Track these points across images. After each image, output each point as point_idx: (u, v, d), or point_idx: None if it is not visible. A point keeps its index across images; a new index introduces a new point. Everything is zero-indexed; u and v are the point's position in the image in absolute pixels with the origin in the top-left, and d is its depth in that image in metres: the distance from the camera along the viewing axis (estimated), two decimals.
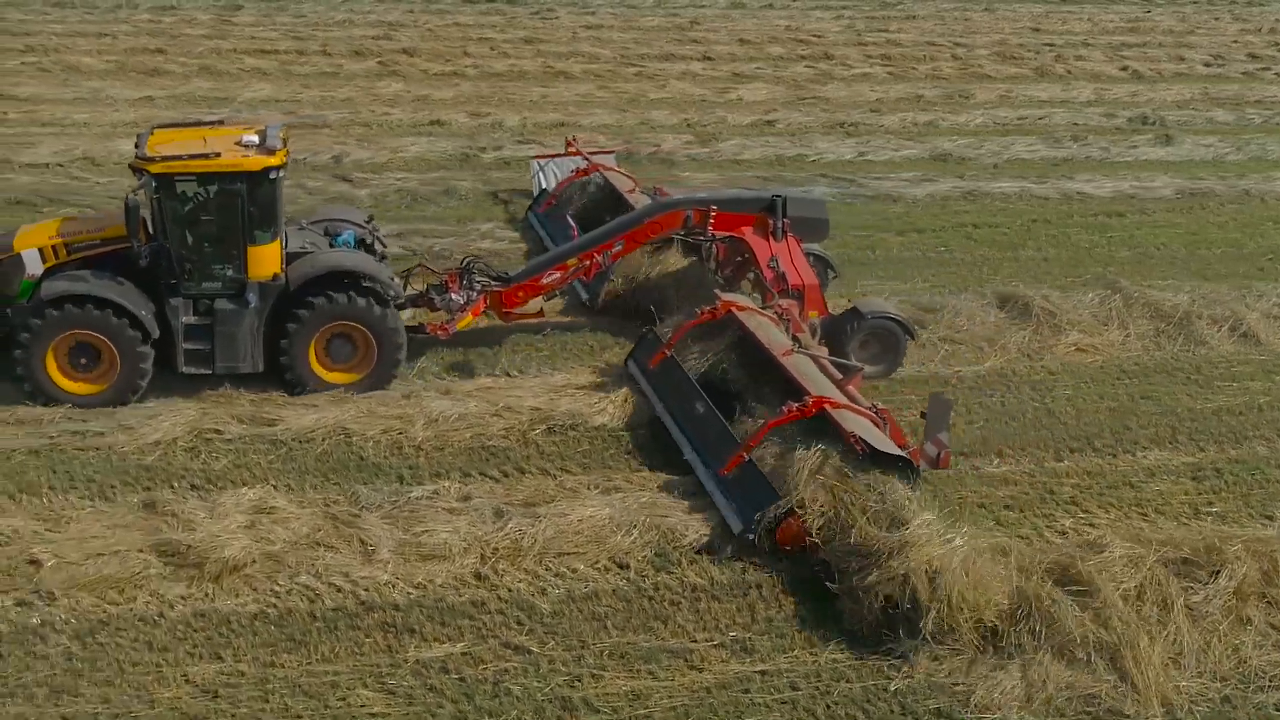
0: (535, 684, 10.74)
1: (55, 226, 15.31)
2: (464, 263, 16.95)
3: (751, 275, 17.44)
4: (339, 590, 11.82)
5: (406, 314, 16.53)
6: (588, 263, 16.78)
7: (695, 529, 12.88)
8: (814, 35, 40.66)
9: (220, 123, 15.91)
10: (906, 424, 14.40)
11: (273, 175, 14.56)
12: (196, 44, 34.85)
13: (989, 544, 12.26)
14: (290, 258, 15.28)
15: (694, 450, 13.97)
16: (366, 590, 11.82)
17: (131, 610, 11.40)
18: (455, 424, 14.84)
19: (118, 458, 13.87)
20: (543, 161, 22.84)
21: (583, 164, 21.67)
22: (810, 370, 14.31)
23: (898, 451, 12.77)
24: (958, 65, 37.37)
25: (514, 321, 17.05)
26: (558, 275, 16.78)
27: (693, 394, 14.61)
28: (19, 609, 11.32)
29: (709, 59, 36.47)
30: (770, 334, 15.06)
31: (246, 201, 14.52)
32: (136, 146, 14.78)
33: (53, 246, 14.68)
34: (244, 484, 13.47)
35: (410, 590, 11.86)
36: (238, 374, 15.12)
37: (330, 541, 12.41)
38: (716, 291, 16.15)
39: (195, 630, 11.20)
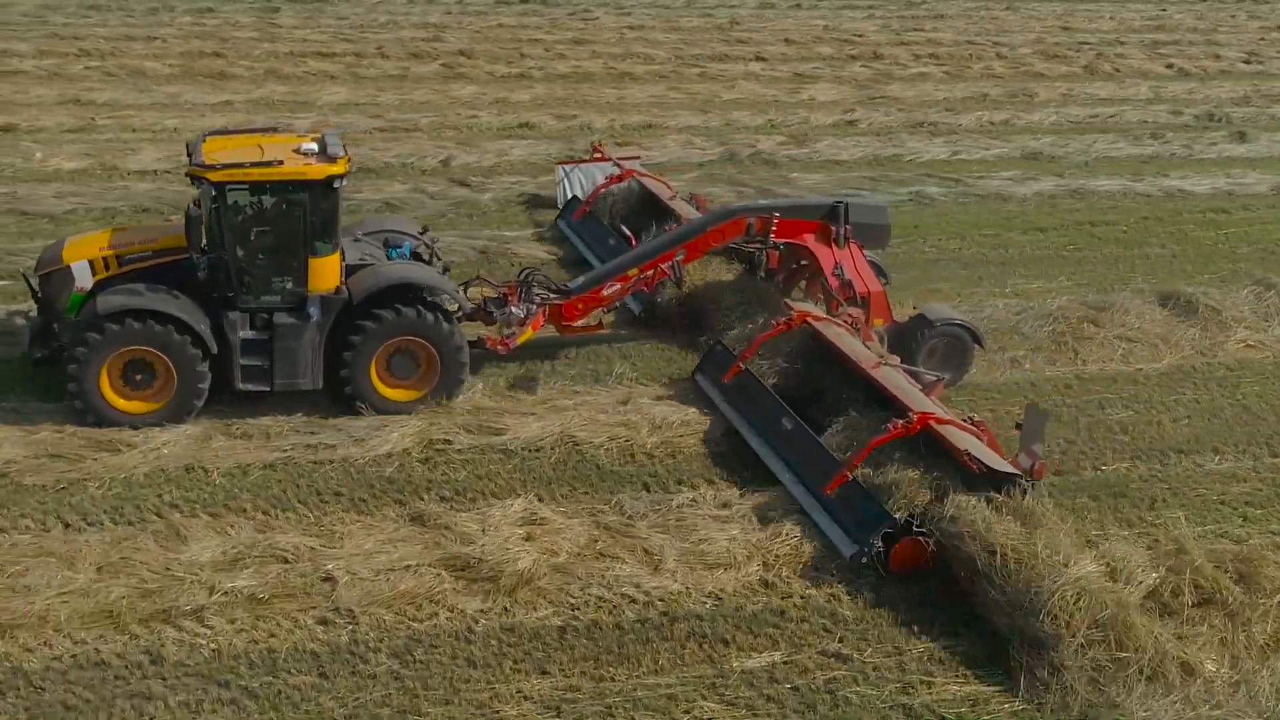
0: (870, 691, 10.62)
1: (106, 237, 14.82)
2: (523, 275, 16.32)
3: (803, 283, 17.32)
4: (634, 601, 11.65)
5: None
6: (650, 273, 16.21)
7: None
8: (855, 35, 40.89)
9: (274, 130, 15.60)
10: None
11: (335, 184, 14.04)
12: (251, 46, 34.36)
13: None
14: (349, 270, 14.69)
15: (787, 468, 13.51)
16: (662, 600, 11.68)
17: (437, 626, 11.17)
18: (679, 430, 14.72)
19: (356, 470, 13.60)
20: (569, 168, 22.22)
21: (613, 170, 21.14)
22: (903, 383, 13.96)
23: (1012, 470, 12.29)
24: (1007, 64, 37.80)
25: (573, 335, 16.50)
26: (618, 286, 16.21)
27: (777, 410, 14.21)
28: (323, 628, 11.07)
29: (763, 59, 36.66)
30: (853, 346, 14.71)
31: (308, 211, 14.03)
32: (190, 155, 14.30)
33: (104, 258, 14.19)
34: (494, 495, 13.26)
35: (705, 599, 11.72)
36: (296, 391, 14.52)
37: (613, 552, 12.26)
38: (787, 302, 15.87)
39: (509, 645, 10.98)
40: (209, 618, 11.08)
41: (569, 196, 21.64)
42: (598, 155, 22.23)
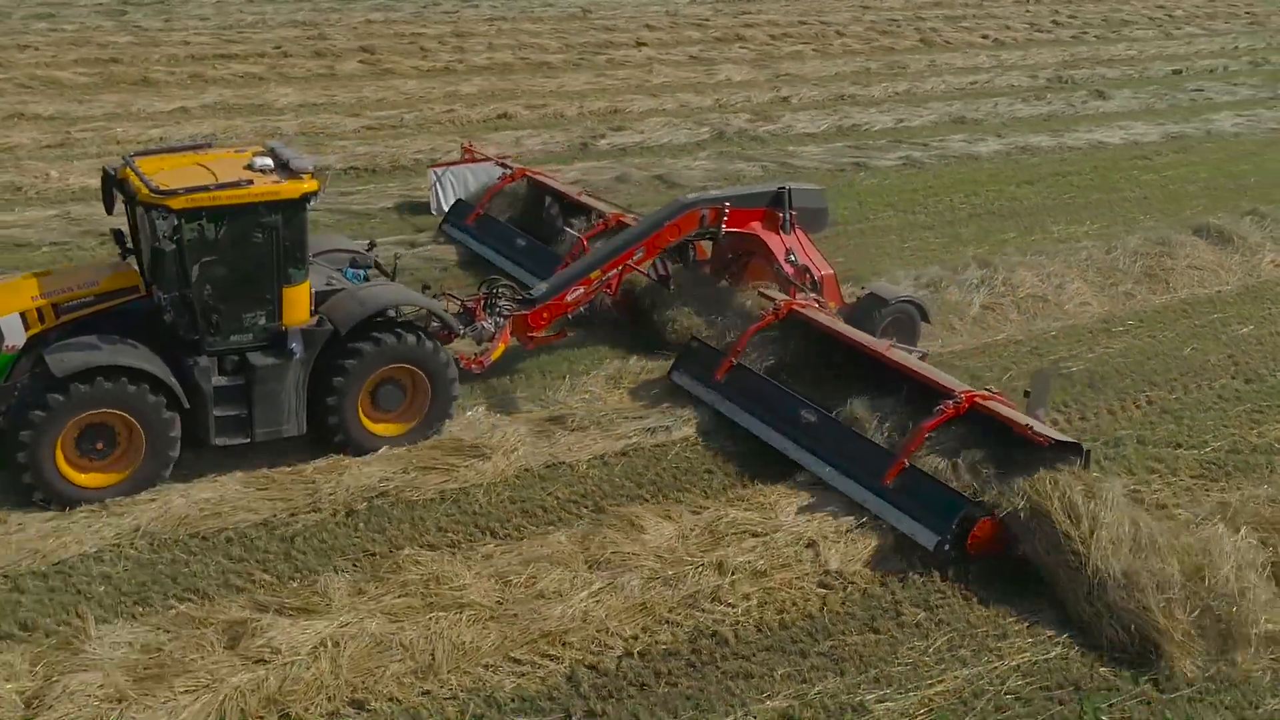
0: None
1: (34, 285, 12.26)
2: (488, 287, 15.18)
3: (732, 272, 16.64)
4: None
5: None
6: (611, 274, 15.28)
7: None
8: (702, 19, 42.02)
9: (207, 146, 13.43)
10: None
11: (310, 202, 12.26)
12: (142, 51, 31.61)
13: None
14: (319, 297, 12.93)
15: (823, 462, 12.80)
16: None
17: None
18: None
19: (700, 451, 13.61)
20: (440, 170, 20.74)
21: (495, 169, 20.16)
22: (923, 365, 13.76)
23: (1070, 439, 12.18)
24: (859, 41, 39.96)
25: (534, 346, 15.17)
26: (581, 291, 15.02)
27: (792, 403, 13.54)
28: (826, 591, 11.20)
29: (644, 44, 37.08)
30: (855, 331, 14.45)
31: (281, 235, 12.12)
32: (113, 183, 12.42)
33: (37, 309, 11.89)
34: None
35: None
36: (279, 439, 12.66)
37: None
38: (762, 292, 15.33)
39: None
40: (725, 596, 11.01)
41: (452, 200, 20.30)
42: (469, 156, 21.05)
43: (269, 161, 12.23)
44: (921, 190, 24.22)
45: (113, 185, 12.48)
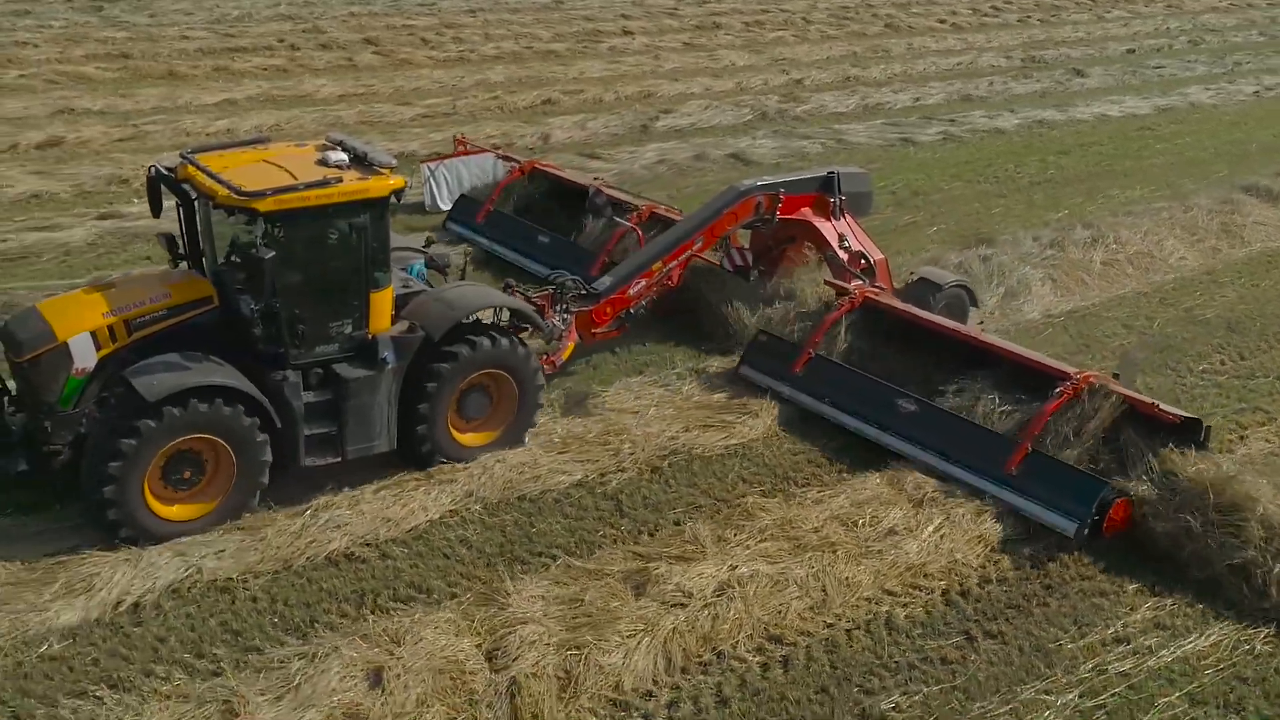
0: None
1: (101, 300, 10.90)
2: (554, 280, 14.32)
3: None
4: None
5: None
6: (673, 265, 14.58)
7: None
8: (672, 8, 42.44)
9: (265, 141, 12.32)
10: None
11: (397, 200, 11.32)
12: (147, 47, 30.66)
13: None
14: (397, 301, 11.86)
15: (931, 452, 12.38)
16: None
17: None
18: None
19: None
20: (433, 165, 19.75)
21: (506, 164, 19.40)
22: (1024, 348, 13.61)
23: (1194, 416, 12.14)
24: (828, 29, 40.89)
25: (594, 342, 14.45)
26: (643, 284, 14.32)
27: (886, 393, 13.09)
28: None
29: (629, 34, 37.35)
30: (938, 316, 14.34)
31: (369, 236, 11.13)
32: (181, 183, 11.18)
33: (109, 327, 10.62)
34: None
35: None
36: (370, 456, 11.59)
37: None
38: (830, 281, 14.92)
39: None
40: None
41: (447, 195, 19.53)
42: (462, 149, 20.14)
43: (343, 156, 11.16)
44: (972, 162, 25.19)
45: (165, 186, 11.33)
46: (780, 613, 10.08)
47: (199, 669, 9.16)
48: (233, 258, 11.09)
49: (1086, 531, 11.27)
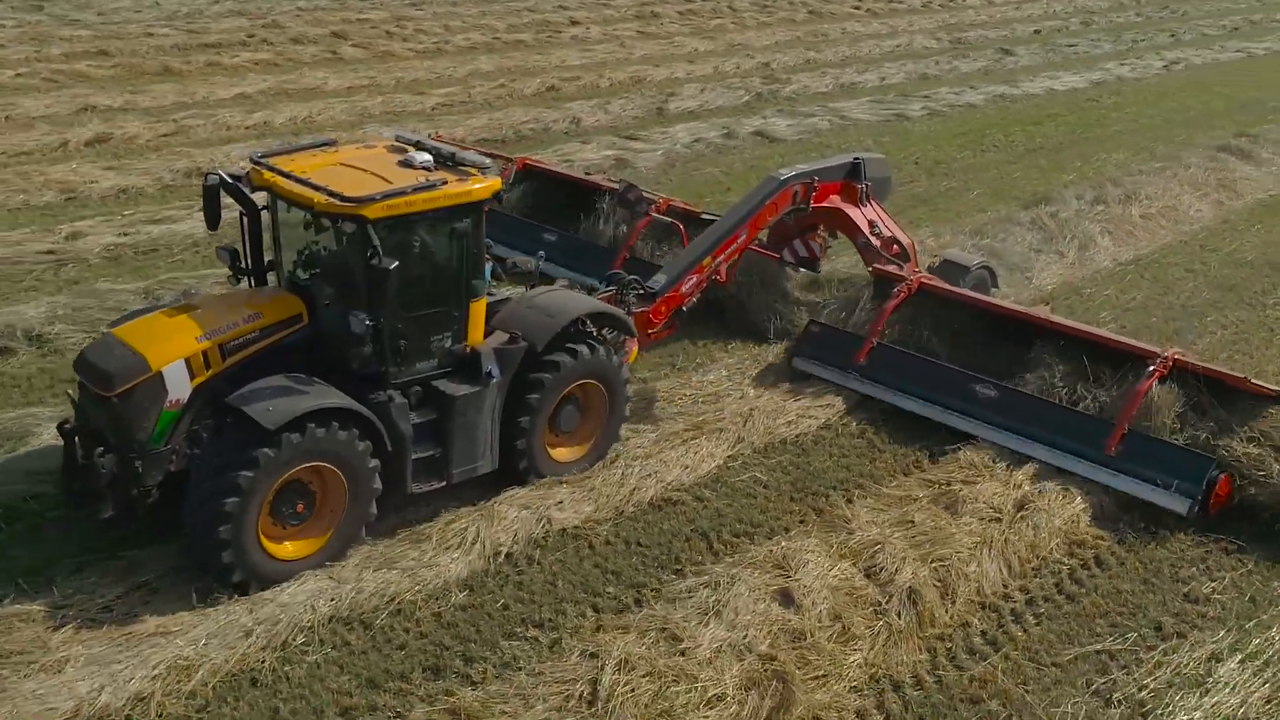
0: None
1: (191, 322, 9.76)
2: (615, 279, 13.33)
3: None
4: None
5: None
6: (720, 259, 13.93)
7: None
8: (602, 2, 43.02)
9: (332, 144, 10.99)
10: None
11: (498, 202, 10.68)
12: (125, 45, 29.67)
13: None
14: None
15: (1022, 436, 12.14)
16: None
17: None
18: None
19: None
20: None
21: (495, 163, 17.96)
22: (1090, 326, 13.66)
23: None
24: (760, 16, 42.08)
25: (650, 342, 13.53)
26: (694, 279, 13.69)
27: (961, 379, 12.85)
28: None
29: (577, 23, 37.80)
30: (1000, 300, 14.51)
31: (470, 242, 10.32)
32: (252, 190, 10.22)
33: (203, 353, 9.55)
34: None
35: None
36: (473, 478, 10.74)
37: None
38: (878, 268, 14.49)
39: None
40: None
41: None
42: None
43: (428, 157, 10.35)
44: (964, 134, 26.68)
45: (230, 195, 10.32)
46: (1074, 522, 11.12)
47: (612, 604, 9.64)
48: (316, 270, 10.24)
49: (1197, 509, 11.25)
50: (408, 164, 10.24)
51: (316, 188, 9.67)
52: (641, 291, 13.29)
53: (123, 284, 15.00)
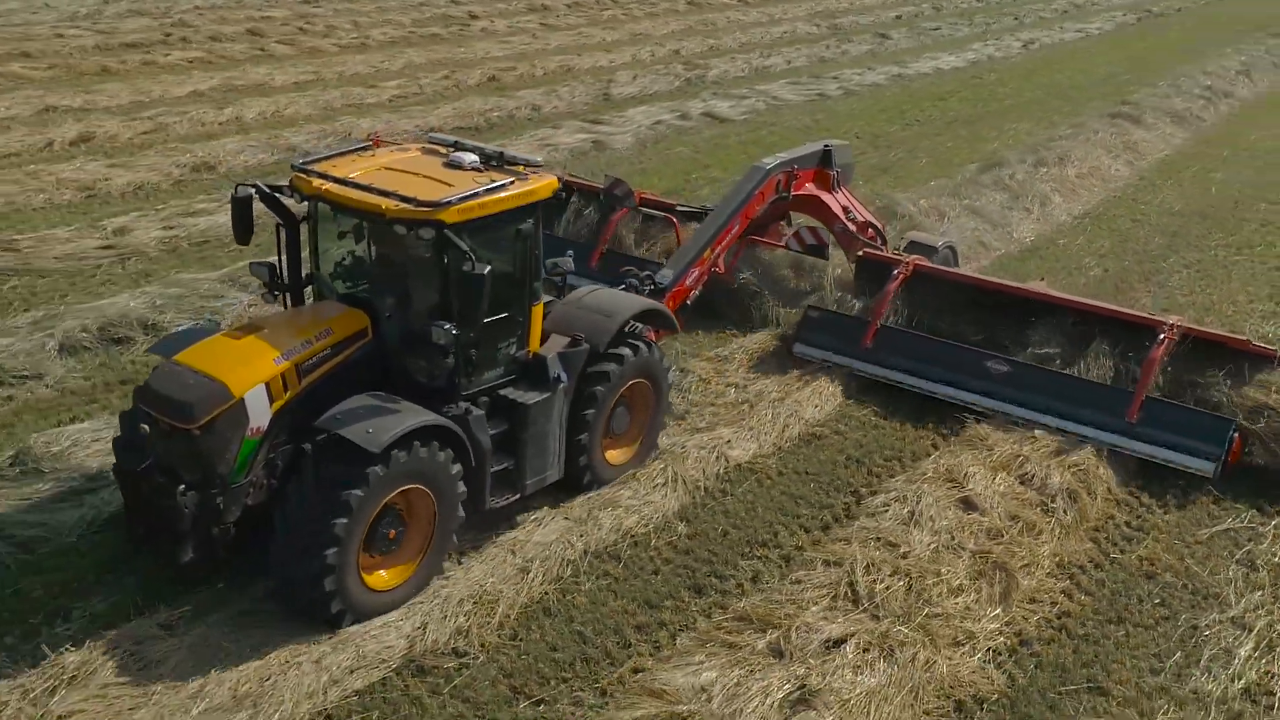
0: None
1: (262, 344, 8.99)
2: (625, 275, 12.62)
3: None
4: None
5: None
6: (718, 251, 13.68)
7: None
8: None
9: (367, 147, 10.23)
10: None
11: (562, 199, 10.01)
12: (48, 45, 28.52)
13: None
14: None
15: (1040, 410, 12.13)
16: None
17: None
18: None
19: None
20: None
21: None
22: (1092, 299, 13.71)
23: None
24: (645, 6, 43.15)
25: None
26: (696, 274, 13.36)
27: (973, 357, 12.83)
28: None
29: (475, 16, 38.12)
30: (995, 277, 14.72)
31: (533, 244, 9.78)
32: (311, 198, 9.39)
33: (281, 375, 8.83)
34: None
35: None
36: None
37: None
38: (868, 251, 14.48)
39: None
40: None
41: None
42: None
43: (474, 157, 9.81)
44: (884, 110, 28.34)
45: (268, 206, 9.69)
46: None
47: (815, 523, 10.65)
48: (379, 280, 9.62)
49: (1221, 470, 11.45)
50: (455, 165, 9.68)
51: (384, 193, 9.00)
52: (652, 287, 12.68)
53: (202, 274, 15.00)
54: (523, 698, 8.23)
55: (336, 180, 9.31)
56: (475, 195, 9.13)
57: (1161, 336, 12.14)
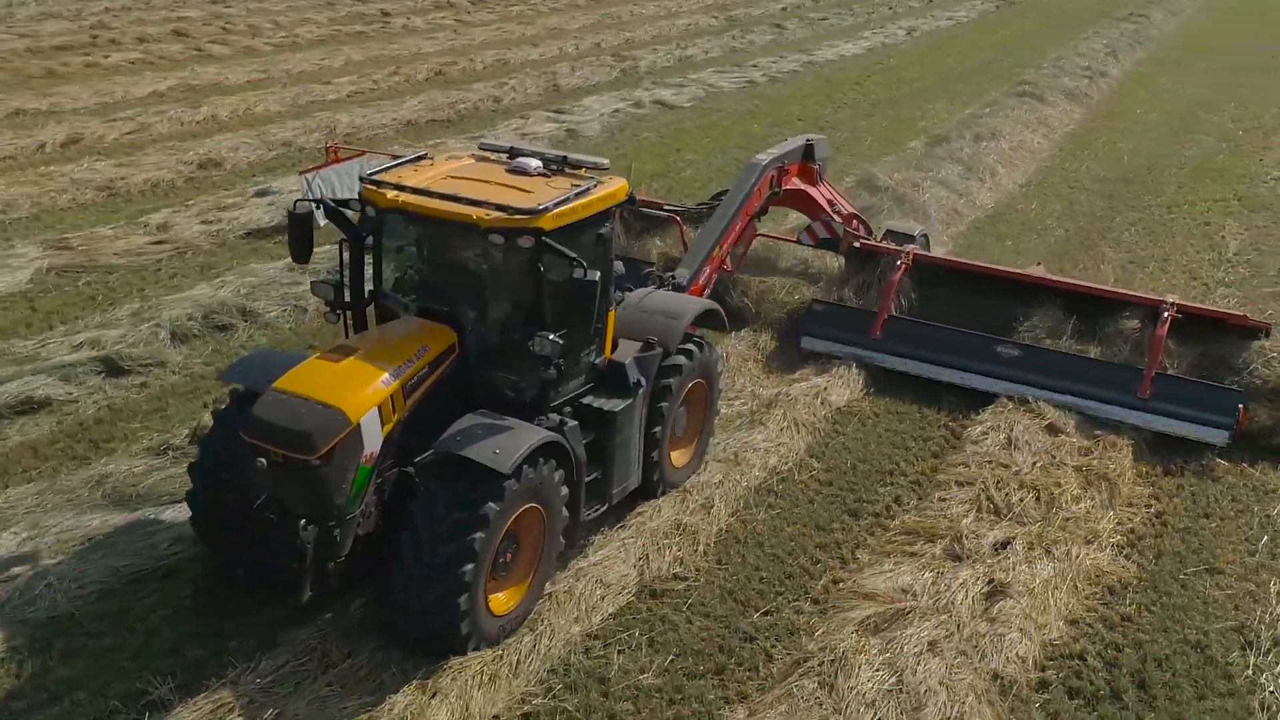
0: None
1: (366, 367, 8.42)
2: (648, 276, 12.30)
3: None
4: None
5: None
6: (725, 248, 13.58)
7: None
8: None
9: (422, 158, 9.78)
10: None
11: (632, 204, 9.95)
12: None
13: None
14: None
15: (1053, 391, 12.37)
16: None
17: None
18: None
19: None
20: (311, 176, 16.59)
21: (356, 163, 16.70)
22: (1092, 282, 14.08)
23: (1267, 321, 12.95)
24: (528, 8, 43.75)
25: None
26: (708, 271, 13.30)
27: (982, 343, 12.98)
28: None
29: (388, 14, 38.12)
30: (993, 264, 14.88)
31: (610, 248, 9.64)
32: (391, 210, 8.85)
33: (390, 396, 8.37)
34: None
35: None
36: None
37: None
38: (866, 243, 14.57)
39: None
40: None
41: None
42: (339, 156, 17.11)
43: (538, 163, 9.48)
44: (809, 95, 29.77)
45: (331, 220, 9.26)
46: None
47: (925, 450, 11.83)
48: (465, 292, 9.04)
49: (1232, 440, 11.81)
50: (520, 171, 9.34)
51: (475, 203, 8.59)
52: (672, 288, 12.21)
53: (267, 264, 15.25)
54: (751, 610, 9.13)
55: (417, 191, 8.83)
56: (567, 201, 8.79)
57: (1165, 315, 12.48)
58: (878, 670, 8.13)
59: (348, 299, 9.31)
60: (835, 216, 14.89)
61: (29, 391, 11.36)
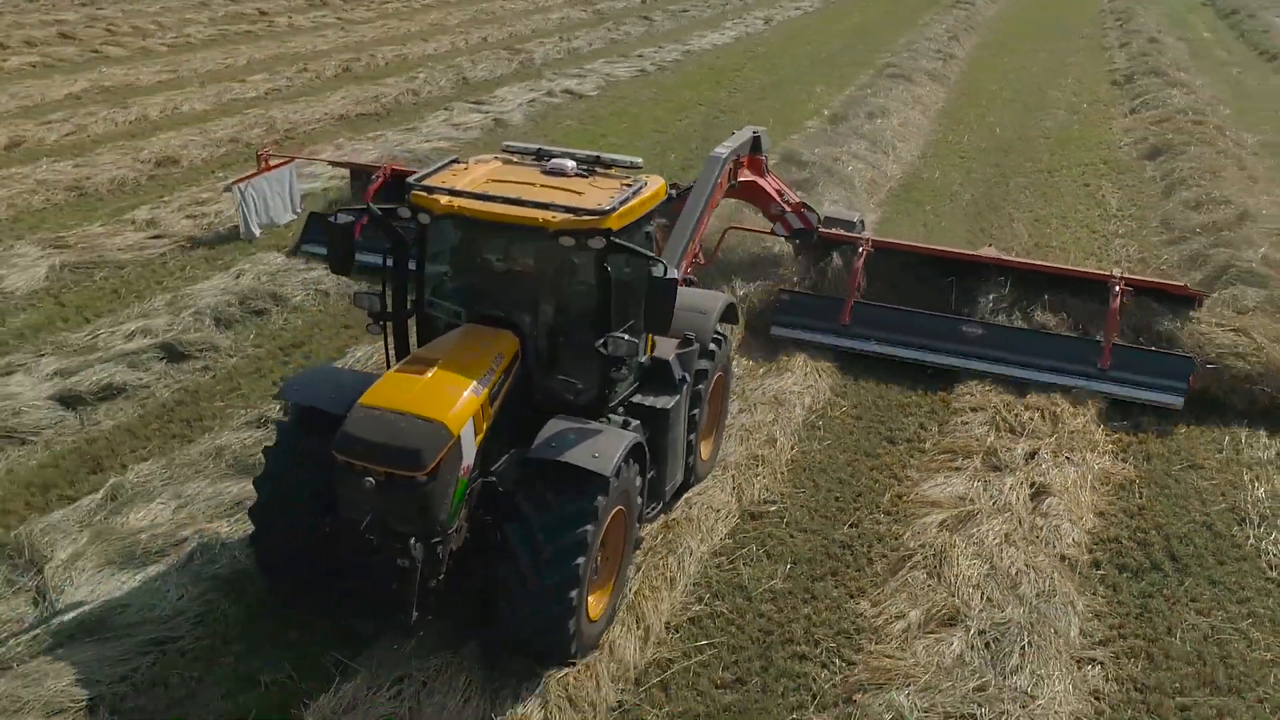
0: None
1: (455, 375, 8.08)
2: None
3: None
4: None
5: None
6: (699, 242, 12.79)
7: None
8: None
9: (454, 162, 9.36)
10: None
11: (674, 198, 9.93)
12: None
13: None
14: None
15: (1020, 366, 12.80)
16: None
17: None
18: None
19: None
20: (243, 186, 16.24)
21: (353, 171, 16.88)
22: (1044, 261, 14.87)
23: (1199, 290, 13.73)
24: (402, 6, 43.78)
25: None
26: (686, 266, 12.40)
27: (948, 324, 13.32)
28: None
29: (266, 14, 37.50)
30: (946, 246, 15.19)
31: (655, 245, 9.57)
32: (445, 216, 8.48)
33: (482, 406, 8.09)
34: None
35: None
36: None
37: None
38: (827, 232, 14.57)
39: None
40: None
41: (258, 219, 16.33)
42: (271, 164, 16.73)
43: (571, 164, 9.24)
44: (700, 82, 30.90)
45: (379, 227, 8.73)
46: None
47: None
48: (528, 297, 8.83)
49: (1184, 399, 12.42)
50: (558, 172, 9.09)
51: (540, 205, 8.33)
52: None
53: (273, 254, 15.42)
54: (839, 524, 10.22)
55: (474, 196, 8.50)
56: (627, 200, 8.59)
57: (1116, 289, 12.99)
58: (972, 560, 9.34)
59: (387, 309, 8.78)
60: (786, 206, 14.62)
61: (108, 379, 11.48)
